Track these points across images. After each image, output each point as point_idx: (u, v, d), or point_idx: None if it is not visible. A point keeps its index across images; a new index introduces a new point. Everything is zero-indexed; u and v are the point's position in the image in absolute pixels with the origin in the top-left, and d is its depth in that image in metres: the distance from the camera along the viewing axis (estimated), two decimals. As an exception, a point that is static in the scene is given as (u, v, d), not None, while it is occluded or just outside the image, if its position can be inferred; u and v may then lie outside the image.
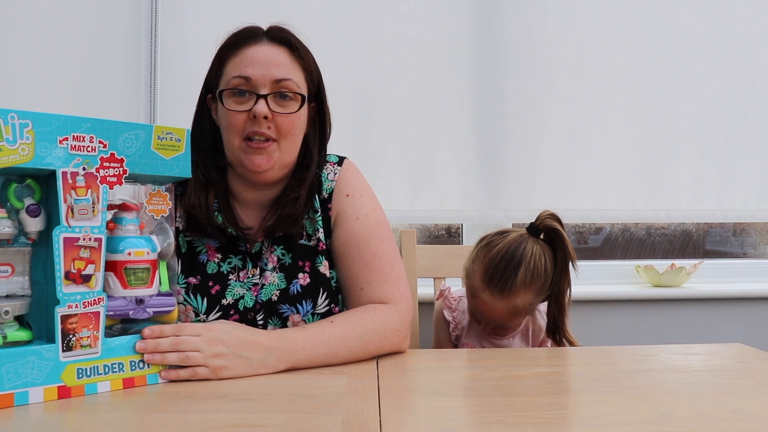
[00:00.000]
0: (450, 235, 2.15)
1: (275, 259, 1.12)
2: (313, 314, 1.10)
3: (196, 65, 1.21)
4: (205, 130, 1.14)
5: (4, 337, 0.78)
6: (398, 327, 1.07)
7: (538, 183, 1.92)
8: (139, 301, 0.88)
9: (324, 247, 1.14)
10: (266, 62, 1.07)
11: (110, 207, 0.88)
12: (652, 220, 2.01)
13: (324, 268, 1.13)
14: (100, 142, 0.83)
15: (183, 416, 0.75)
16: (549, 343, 1.36)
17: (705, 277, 2.02)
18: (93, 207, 0.83)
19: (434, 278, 1.61)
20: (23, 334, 0.80)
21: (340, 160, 1.20)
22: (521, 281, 1.23)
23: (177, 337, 0.88)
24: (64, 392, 0.80)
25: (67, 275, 0.80)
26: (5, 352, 0.76)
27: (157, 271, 0.90)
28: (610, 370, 0.98)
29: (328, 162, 1.19)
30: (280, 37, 1.10)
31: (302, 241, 1.13)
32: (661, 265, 1.99)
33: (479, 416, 0.77)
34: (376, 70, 1.89)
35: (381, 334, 1.04)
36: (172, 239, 0.93)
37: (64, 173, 0.81)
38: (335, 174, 1.17)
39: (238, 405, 0.78)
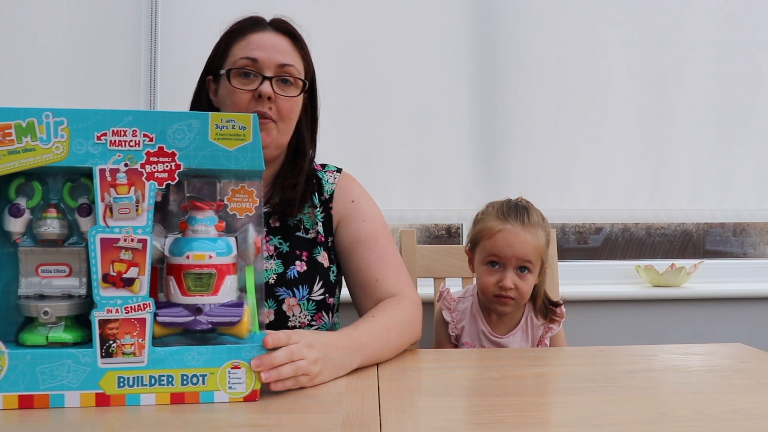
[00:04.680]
0: (450, 235, 2.15)
1: (272, 248, 1.16)
2: (308, 300, 1.15)
3: (196, 64, 1.22)
4: (203, 109, 1.19)
5: (47, 338, 0.77)
6: (418, 317, 1.12)
7: (538, 183, 1.92)
8: (197, 310, 0.79)
9: (323, 239, 1.19)
10: (272, 47, 1.14)
11: (184, 206, 0.82)
12: (652, 220, 2.01)
13: (322, 258, 1.19)
14: (144, 135, 0.77)
15: (183, 416, 0.75)
16: (547, 343, 1.37)
17: (705, 277, 2.02)
18: (136, 206, 0.76)
19: (434, 278, 1.61)
20: (67, 336, 0.77)
21: (339, 170, 1.28)
22: (535, 218, 1.32)
23: (288, 347, 0.82)
24: (102, 400, 0.76)
25: (105, 278, 0.76)
26: (40, 353, 0.75)
27: (226, 278, 0.81)
28: (610, 370, 0.98)
29: (327, 170, 1.27)
30: (284, 27, 1.18)
31: (299, 234, 1.18)
32: (661, 265, 1.99)
33: (479, 416, 0.77)
34: (377, 70, 1.89)
35: (412, 322, 1.09)
36: (251, 241, 0.82)
37: (102, 170, 0.75)
38: (335, 179, 1.25)
39: (238, 405, 0.78)
